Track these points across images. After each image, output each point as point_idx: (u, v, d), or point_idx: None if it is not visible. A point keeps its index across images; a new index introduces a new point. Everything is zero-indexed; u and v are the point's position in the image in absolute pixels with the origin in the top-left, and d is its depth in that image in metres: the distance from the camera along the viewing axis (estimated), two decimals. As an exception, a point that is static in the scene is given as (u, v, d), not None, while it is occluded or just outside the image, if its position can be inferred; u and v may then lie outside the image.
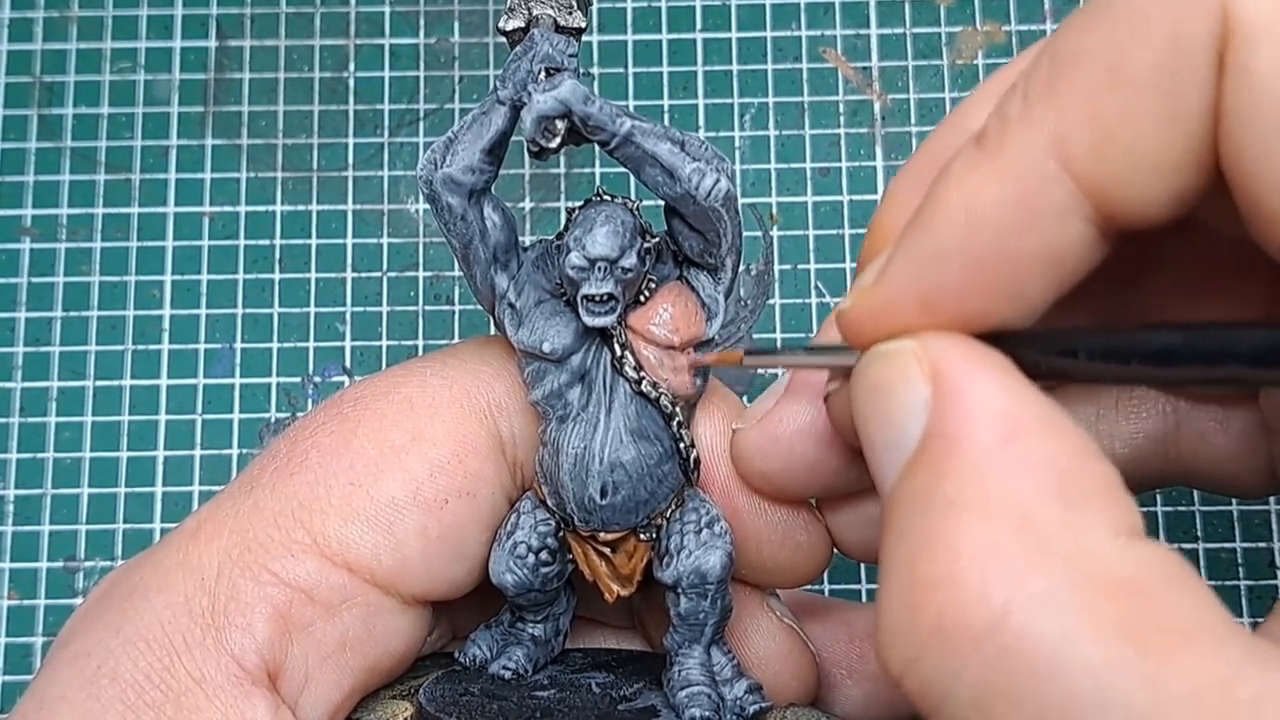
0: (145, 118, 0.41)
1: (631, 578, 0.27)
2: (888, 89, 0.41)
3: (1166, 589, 0.16)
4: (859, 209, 0.41)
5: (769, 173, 0.41)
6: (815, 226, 0.40)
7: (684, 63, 0.42)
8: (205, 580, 0.24)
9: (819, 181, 0.41)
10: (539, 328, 0.26)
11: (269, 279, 0.40)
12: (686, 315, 0.26)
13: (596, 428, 0.25)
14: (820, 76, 0.41)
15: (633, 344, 0.26)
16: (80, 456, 0.39)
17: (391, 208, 0.41)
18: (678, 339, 0.26)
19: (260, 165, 0.41)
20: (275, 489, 0.25)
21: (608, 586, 0.27)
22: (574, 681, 0.27)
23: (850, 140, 0.41)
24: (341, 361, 0.40)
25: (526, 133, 0.24)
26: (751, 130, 0.41)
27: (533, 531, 0.26)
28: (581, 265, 0.25)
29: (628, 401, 0.26)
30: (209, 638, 0.23)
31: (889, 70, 0.41)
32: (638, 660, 0.29)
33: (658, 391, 0.25)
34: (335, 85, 0.42)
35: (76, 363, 0.40)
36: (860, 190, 0.41)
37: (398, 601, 0.26)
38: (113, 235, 0.41)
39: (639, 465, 0.25)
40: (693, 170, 0.24)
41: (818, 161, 0.41)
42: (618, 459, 0.25)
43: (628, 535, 0.26)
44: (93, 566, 0.38)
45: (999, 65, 0.42)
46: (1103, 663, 0.15)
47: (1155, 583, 0.16)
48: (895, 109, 0.41)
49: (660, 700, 0.26)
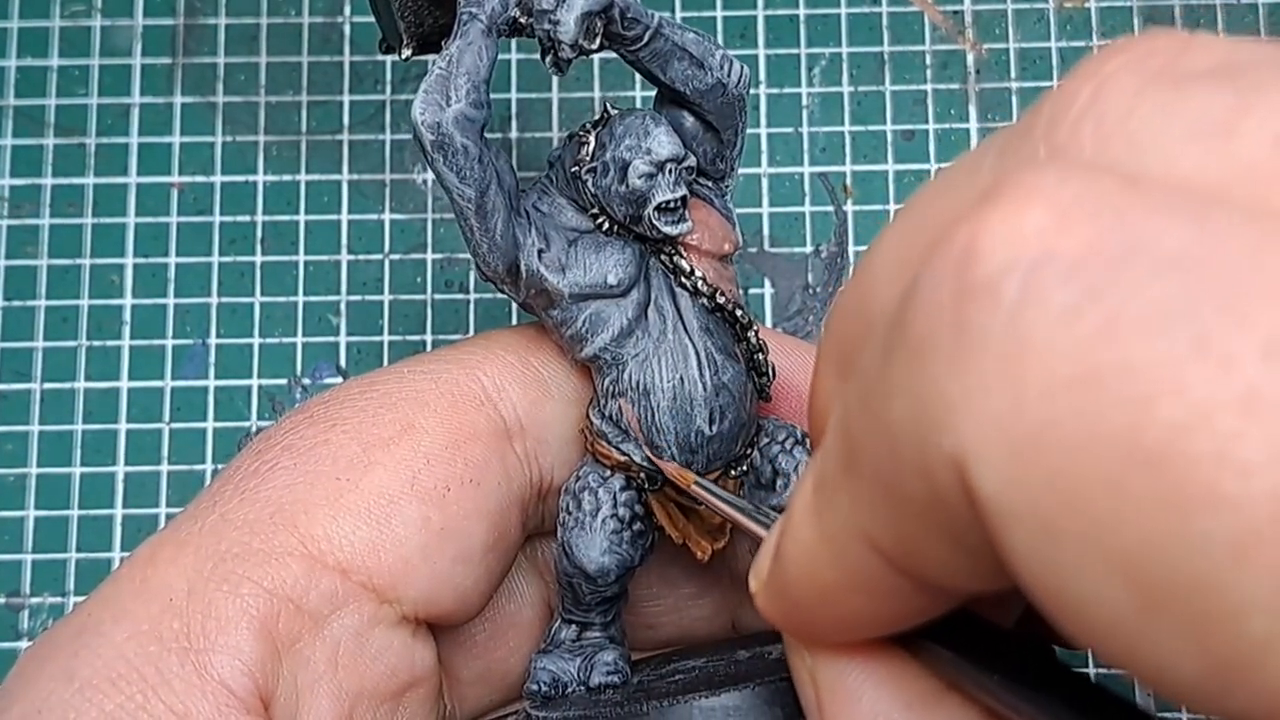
0: (102, 71, 0.40)
1: (723, 526, 0.27)
2: (983, 37, 0.40)
3: None
4: (951, 179, 0.38)
5: (842, 136, 0.39)
6: (897, 200, 0.39)
7: (742, 5, 0.40)
8: (174, 601, 0.24)
9: (901, 147, 0.39)
10: (592, 264, 0.26)
11: (249, 262, 0.39)
12: (722, 225, 0.28)
13: (687, 354, 0.27)
14: (903, 22, 0.40)
15: (690, 260, 0.27)
16: (25, 473, 0.38)
17: (394, 178, 0.39)
18: (728, 246, 0.27)
19: (238, 128, 0.40)
20: (245, 497, 0.25)
21: (699, 544, 0.27)
22: (674, 671, 0.28)
23: (939, 98, 0.39)
24: (335, 360, 0.38)
25: (568, 36, 0.25)
26: (822, 87, 0.40)
27: (617, 503, 0.27)
28: (649, 172, 0.26)
29: (703, 320, 0.27)
30: (188, 664, 0.23)
31: (984, 15, 0.40)
32: (705, 648, 0.29)
33: (732, 302, 0.27)
34: (328, 33, 0.40)
35: (20, 362, 0.38)
36: (950, 157, 0.40)
37: (395, 613, 0.25)
38: (64, 210, 0.39)
39: (738, 383, 0.27)
40: (721, 57, 0.26)
41: (900, 123, 0.39)
42: (720, 380, 0.27)
43: (720, 474, 0.27)
44: (40, 603, 0.37)
45: (1112, 9, 0.38)
46: None
47: None
48: (992, 61, 0.40)
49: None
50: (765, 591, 0.20)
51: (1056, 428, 0.14)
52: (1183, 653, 0.13)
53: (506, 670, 0.29)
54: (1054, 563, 0.14)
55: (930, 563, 0.17)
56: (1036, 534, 0.14)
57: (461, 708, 0.29)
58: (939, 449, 0.15)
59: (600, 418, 0.27)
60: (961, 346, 0.14)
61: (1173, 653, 0.13)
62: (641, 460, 0.27)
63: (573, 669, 0.28)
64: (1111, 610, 0.14)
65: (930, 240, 0.16)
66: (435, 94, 0.25)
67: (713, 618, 0.31)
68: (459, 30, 0.25)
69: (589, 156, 0.26)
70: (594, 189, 0.26)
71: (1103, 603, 0.14)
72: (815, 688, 0.20)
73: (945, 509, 0.15)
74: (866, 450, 0.17)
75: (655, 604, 0.31)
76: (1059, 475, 0.14)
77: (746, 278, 0.37)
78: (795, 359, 0.29)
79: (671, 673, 0.28)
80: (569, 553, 0.27)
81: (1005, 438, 0.14)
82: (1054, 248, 0.14)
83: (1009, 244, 0.14)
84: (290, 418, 0.27)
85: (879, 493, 0.17)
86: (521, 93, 0.39)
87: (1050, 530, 0.14)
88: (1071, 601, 0.14)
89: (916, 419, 0.15)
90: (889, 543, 0.17)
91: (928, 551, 0.16)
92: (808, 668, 0.20)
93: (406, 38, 0.27)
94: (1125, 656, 0.14)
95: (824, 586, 0.18)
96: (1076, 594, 0.14)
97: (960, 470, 0.15)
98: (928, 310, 0.15)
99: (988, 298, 0.14)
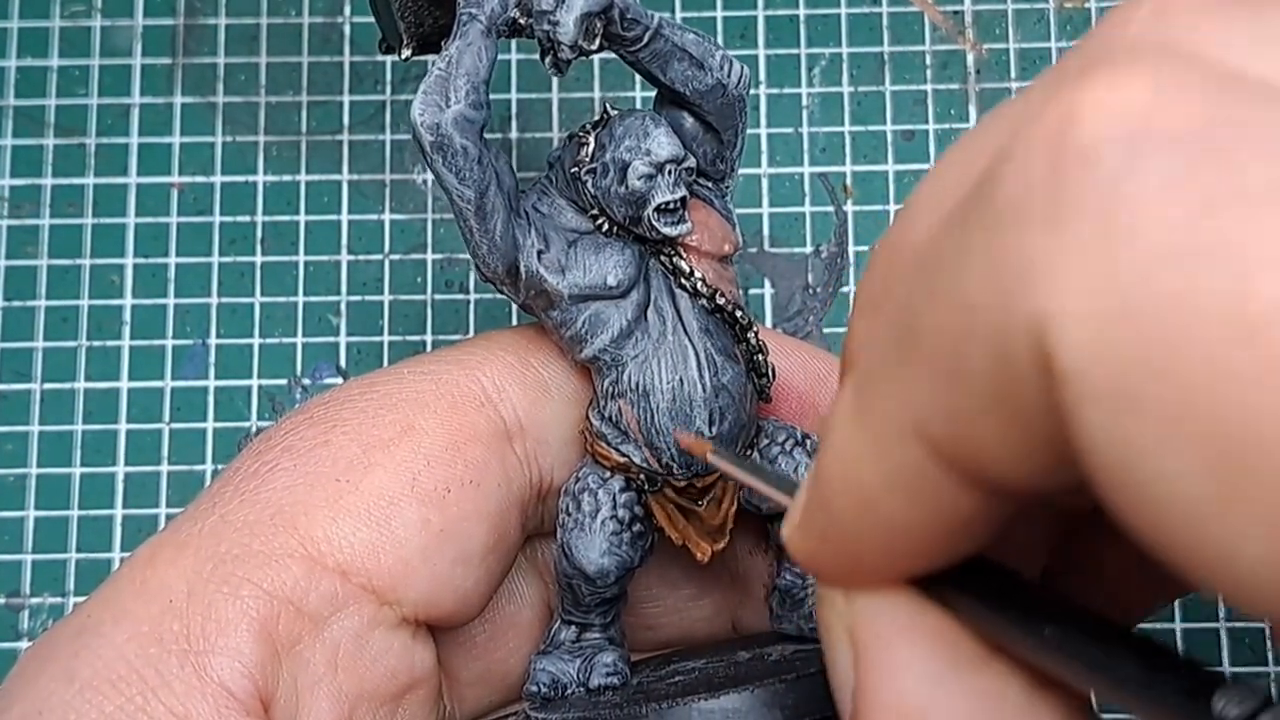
0: (102, 71, 0.40)
1: (723, 528, 0.27)
2: (983, 37, 0.40)
3: None
4: (951, 179, 0.38)
5: (842, 137, 0.39)
6: (897, 200, 0.39)
7: (742, 6, 0.40)
8: (174, 603, 0.24)
9: (901, 147, 0.39)
10: (592, 264, 0.26)
11: (249, 262, 0.39)
12: (722, 226, 0.28)
13: (686, 355, 0.26)
14: (903, 23, 0.40)
15: (690, 261, 0.27)
16: (25, 473, 0.38)
17: (394, 178, 0.39)
18: (728, 247, 0.27)
19: (239, 128, 0.40)
20: (245, 498, 0.25)
21: (698, 545, 0.27)
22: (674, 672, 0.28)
23: (939, 98, 0.39)
24: (335, 360, 0.38)
25: (568, 37, 0.25)
26: (822, 87, 0.39)
27: (617, 504, 0.27)
28: (648, 173, 0.26)
29: (703, 321, 0.27)
30: (188, 666, 0.23)
31: (984, 15, 0.40)
32: (705, 649, 0.29)
33: (731, 303, 0.27)
34: (328, 33, 0.40)
35: (20, 362, 0.38)
36: (951, 157, 0.38)
37: (395, 615, 0.25)
38: (64, 210, 0.39)
39: (738, 384, 0.27)
40: (721, 58, 0.26)
41: (900, 124, 0.39)
42: (719, 382, 0.27)
43: (717, 478, 0.27)
44: (40, 604, 0.37)
45: (1111, 7, 0.38)
46: None
47: None
48: (992, 61, 0.40)
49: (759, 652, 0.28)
50: (799, 528, 0.20)
51: (1153, 297, 0.13)
52: (1254, 539, 0.13)
53: (506, 671, 0.29)
54: (1130, 440, 0.14)
55: (985, 449, 0.16)
56: (1116, 408, 0.14)
57: (461, 708, 0.29)
58: (1020, 315, 0.14)
59: (600, 419, 0.27)
60: (1056, 211, 0.14)
61: (1244, 538, 0.13)
62: (641, 462, 0.27)
63: (572, 670, 0.28)
64: (1186, 491, 0.13)
65: (981, 168, 0.16)
66: (435, 95, 0.25)
67: (713, 619, 0.31)
68: (459, 31, 0.25)
69: (589, 157, 0.26)
70: (594, 190, 0.26)
71: (1178, 482, 0.13)
72: (853, 644, 0.19)
73: (1014, 382, 0.15)
74: (928, 329, 0.16)
75: (655, 605, 0.30)
76: (1151, 346, 0.13)
77: (746, 278, 0.37)
78: (795, 360, 0.29)
79: (671, 674, 0.28)
80: (568, 554, 0.27)
81: (1097, 305, 0.14)
82: (1156, 121, 0.14)
83: (1112, 114, 0.14)
84: (290, 419, 0.27)
85: (939, 373, 0.16)
86: (521, 93, 0.39)
87: (1133, 404, 0.14)
88: (1143, 483, 0.14)
89: (997, 285, 0.15)
90: (941, 428, 0.16)
91: (984, 434, 0.16)
92: (844, 623, 0.19)
93: (406, 38, 0.27)
94: (1190, 545, 0.14)
95: (866, 492, 0.18)
96: (1150, 474, 0.14)
97: (1040, 338, 0.15)
98: (1021, 175, 0.15)
99: (1088, 164, 0.14)
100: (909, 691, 0.18)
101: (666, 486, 0.27)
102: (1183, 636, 0.35)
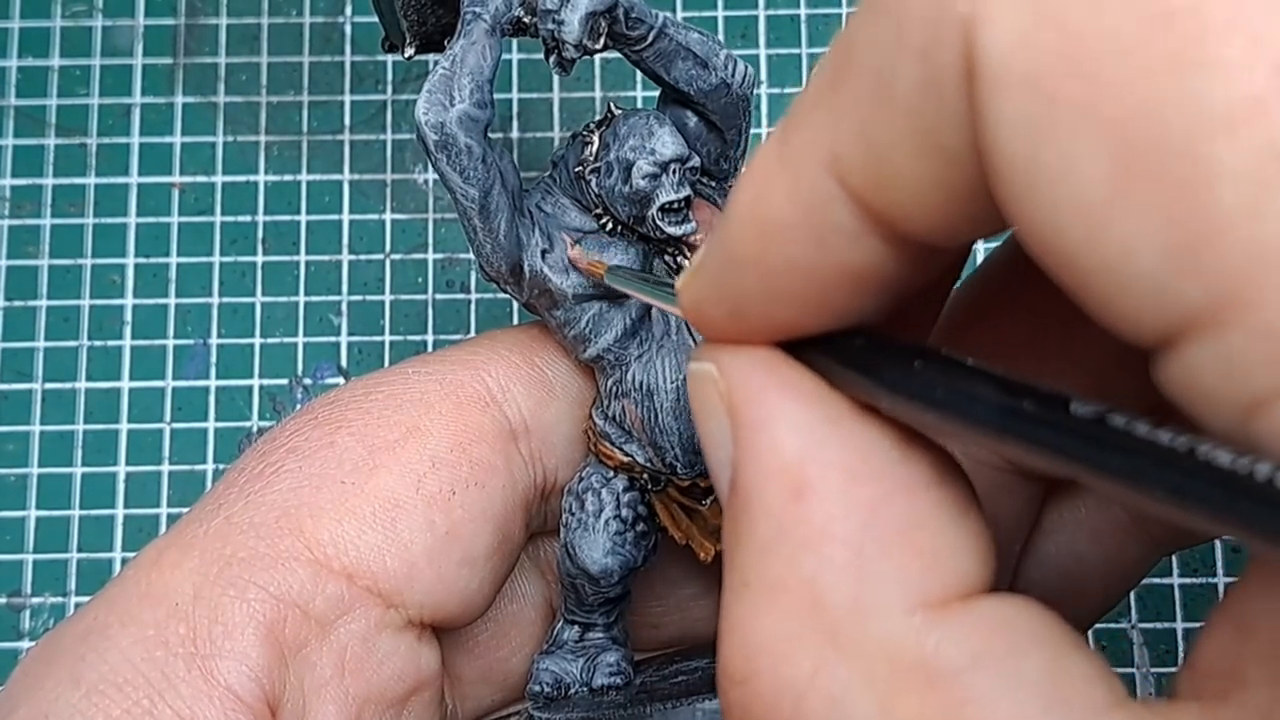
0: (103, 71, 0.40)
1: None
2: None
3: (973, 671, 0.16)
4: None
5: None
6: None
7: (743, 5, 0.40)
8: (180, 606, 0.24)
9: None
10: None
11: (250, 262, 0.39)
12: None
13: (689, 353, 0.26)
14: None
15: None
16: (26, 473, 0.38)
17: (395, 178, 0.39)
18: None
19: (240, 127, 0.40)
20: (250, 500, 0.25)
21: (702, 544, 0.27)
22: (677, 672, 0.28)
23: None
24: (336, 360, 0.38)
25: (572, 36, 0.25)
26: None
27: (620, 504, 0.27)
28: (653, 173, 0.25)
29: None
30: (194, 669, 0.23)
31: None
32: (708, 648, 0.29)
33: None
34: (329, 32, 0.40)
35: (21, 362, 0.38)
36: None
37: (401, 617, 0.25)
38: (65, 210, 0.39)
39: None
40: (726, 58, 0.26)
41: None
42: None
43: None
44: (41, 603, 0.37)
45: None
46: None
47: (956, 666, 0.16)
48: None
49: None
50: (694, 273, 0.19)
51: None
52: (1149, 226, 0.13)
53: (509, 670, 0.29)
54: (1040, 132, 0.14)
55: (897, 183, 0.16)
56: (1031, 100, 0.14)
57: (463, 707, 0.29)
58: (951, 15, 0.15)
59: (603, 418, 0.27)
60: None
61: (1139, 228, 0.13)
62: (645, 461, 0.27)
63: (575, 670, 0.28)
64: (1087, 181, 0.14)
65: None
66: (439, 94, 0.25)
67: (715, 617, 0.30)
68: (462, 29, 0.25)
69: (593, 157, 0.26)
70: (598, 189, 0.26)
71: (1080, 174, 0.14)
72: (729, 410, 0.18)
73: (936, 96, 0.15)
74: (862, 44, 0.16)
75: (658, 604, 0.30)
76: (1070, 33, 0.14)
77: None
78: None
79: (674, 674, 0.28)
80: (572, 554, 0.27)
81: (1024, 1, 0.14)
82: None
83: None
84: (294, 419, 0.26)
85: (864, 95, 0.16)
86: (523, 92, 0.39)
87: (1047, 95, 0.14)
88: (1046, 176, 0.14)
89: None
90: (859, 159, 0.16)
91: (899, 167, 0.16)
92: (718, 391, 0.19)
93: (409, 37, 0.27)
94: (1087, 237, 0.14)
95: (770, 225, 0.17)
96: (1054, 166, 0.14)
97: (968, 34, 0.15)
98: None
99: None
100: (787, 445, 0.17)
101: (670, 486, 0.27)
102: (1183, 636, 0.35)
